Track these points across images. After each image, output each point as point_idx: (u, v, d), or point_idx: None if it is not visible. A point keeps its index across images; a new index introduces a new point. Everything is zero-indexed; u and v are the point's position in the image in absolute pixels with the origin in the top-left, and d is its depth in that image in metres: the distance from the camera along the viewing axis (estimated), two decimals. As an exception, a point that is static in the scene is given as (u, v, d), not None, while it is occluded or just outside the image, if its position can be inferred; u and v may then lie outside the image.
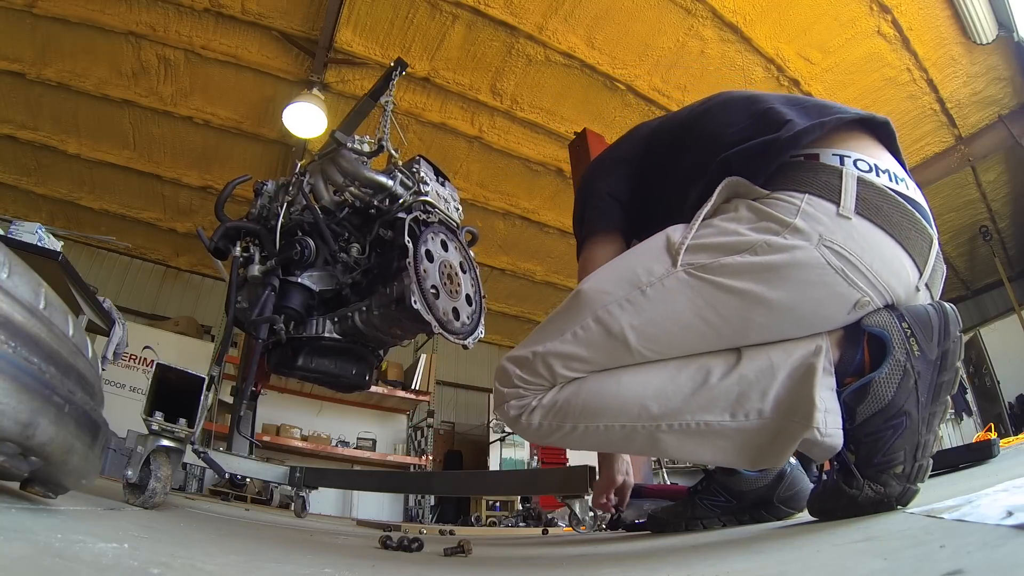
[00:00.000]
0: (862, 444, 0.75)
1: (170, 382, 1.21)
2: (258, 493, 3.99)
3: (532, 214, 5.49)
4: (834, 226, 0.75)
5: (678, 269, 0.80)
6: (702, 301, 0.79)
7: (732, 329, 0.79)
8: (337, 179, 1.59)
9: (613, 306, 0.83)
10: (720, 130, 0.94)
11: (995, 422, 4.76)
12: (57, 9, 3.65)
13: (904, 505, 0.73)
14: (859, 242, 0.75)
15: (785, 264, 0.75)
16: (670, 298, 0.80)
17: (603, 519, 1.91)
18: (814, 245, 0.75)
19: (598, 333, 0.83)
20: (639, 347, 0.82)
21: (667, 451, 0.83)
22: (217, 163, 5.02)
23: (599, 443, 0.87)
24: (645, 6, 3.64)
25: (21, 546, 0.45)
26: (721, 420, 0.77)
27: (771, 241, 0.76)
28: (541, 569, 0.86)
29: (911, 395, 0.73)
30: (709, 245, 0.80)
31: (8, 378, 0.47)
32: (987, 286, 6.28)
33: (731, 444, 0.78)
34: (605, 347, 0.83)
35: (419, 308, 1.34)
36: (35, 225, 2.45)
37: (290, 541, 1.10)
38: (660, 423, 0.80)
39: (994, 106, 4.30)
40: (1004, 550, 0.40)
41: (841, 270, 0.75)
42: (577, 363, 0.85)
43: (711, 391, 0.78)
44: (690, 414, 0.79)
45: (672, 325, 0.80)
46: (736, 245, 0.78)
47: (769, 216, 0.78)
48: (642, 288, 0.82)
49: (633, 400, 0.82)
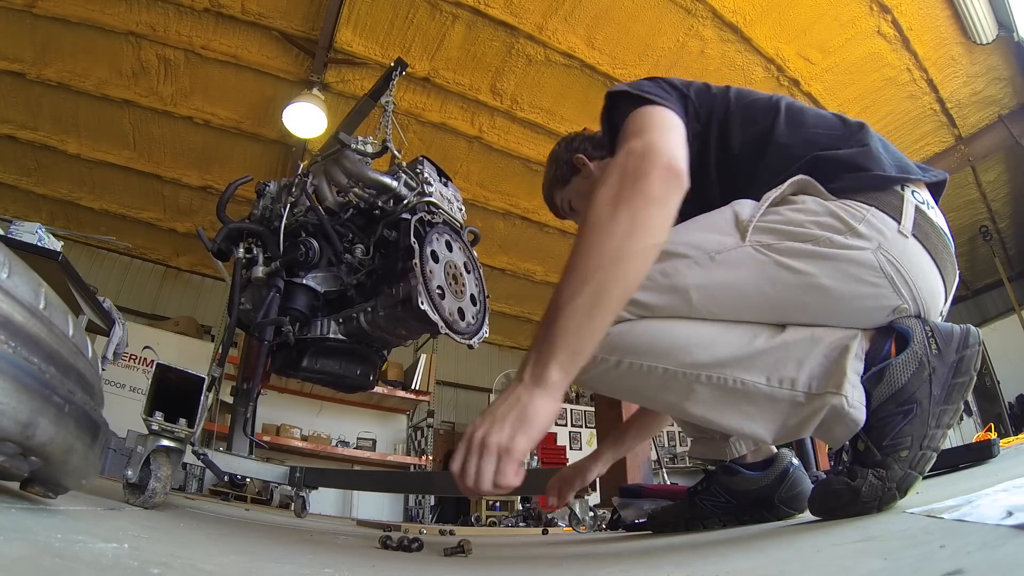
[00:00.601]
0: (872, 429, 0.79)
1: (170, 382, 1.22)
2: (258, 493, 3.99)
3: (532, 214, 5.49)
4: (893, 240, 0.84)
5: (746, 243, 0.86)
6: (764, 276, 0.84)
7: (785, 306, 0.85)
8: (341, 180, 1.59)
9: (682, 265, 0.87)
10: (815, 130, 0.99)
11: (995, 422, 4.76)
12: (57, 9, 3.65)
13: (903, 493, 0.76)
14: (910, 259, 0.84)
15: (844, 259, 0.82)
16: (736, 268, 0.85)
17: (603, 519, 1.91)
18: (872, 250, 0.83)
19: (663, 285, 0.86)
20: (700, 305, 0.86)
21: (696, 408, 0.85)
22: (217, 163, 5.02)
23: (634, 385, 0.89)
24: (645, 6, 3.64)
25: (21, 546, 0.45)
26: (757, 382, 0.81)
27: (834, 238, 0.83)
28: (541, 569, 0.86)
29: (924, 385, 0.78)
30: (776, 229, 0.86)
31: (8, 378, 0.47)
32: (987, 286, 6.28)
33: (759, 412, 0.82)
34: (667, 299, 0.87)
35: (426, 309, 1.34)
36: (35, 225, 2.45)
37: (290, 541, 1.10)
38: (701, 373, 0.83)
39: (994, 106, 4.30)
40: (1004, 550, 0.40)
41: (891, 277, 0.83)
42: (637, 308, 0.87)
43: (754, 351, 0.83)
44: (731, 369, 0.83)
45: (734, 292, 0.86)
46: (802, 235, 0.84)
47: (837, 216, 0.85)
48: (711, 255, 0.86)
49: (682, 344, 0.85)
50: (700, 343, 0.85)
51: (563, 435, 6.82)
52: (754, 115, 1.03)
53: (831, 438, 0.81)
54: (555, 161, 1.42)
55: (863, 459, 0.78)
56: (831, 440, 0.81)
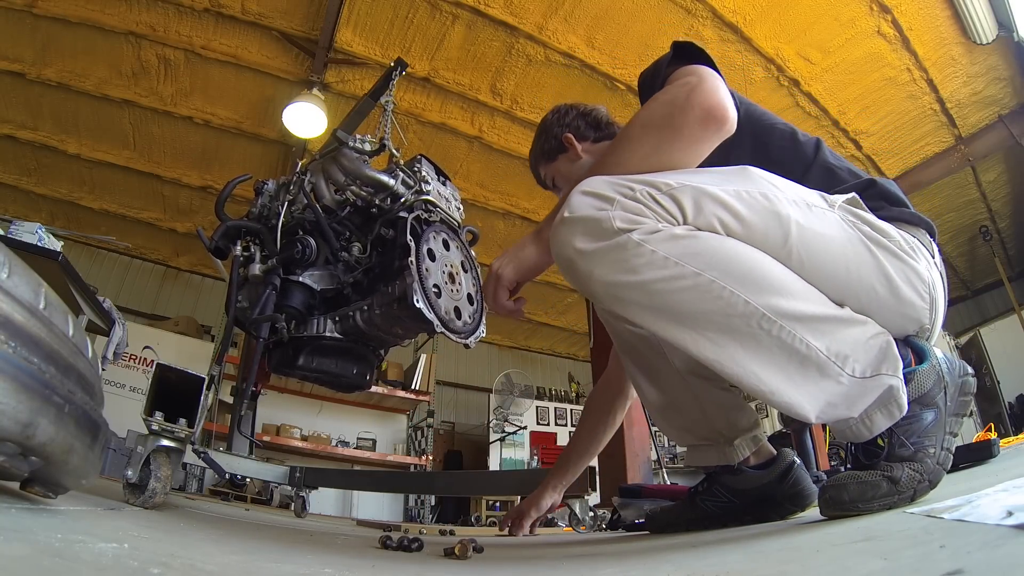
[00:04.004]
0: (898, 426, 0.80)
1: (170, 382, 1.22)
2: (258, 493, 3.99)
3: (532, 214, 5.49)
4: (931, 268, 0.91)
5: (835, 211, 0.86)
6: (851, 246, 0.85)
7: (856, 283, 0.85)
8: (339, 178, 1.58)
9: (783, 196, 0.83)
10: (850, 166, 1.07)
11: (995, 422, 4.76)
12: (57, 9, 3.65)
13: (933, 486, 0.79)
14: (939, 289, 0.91)
15: (910, 266, 0.87)
16: (830, 227, 0.85)
17: (603, 519, 1.92)
18: (924, 267, 0.89)
19: (765, 207, 0.81)
20: (795, 244, 0.81)
21: (750, 363, 0.78)
22: (217, 163, 5.02)
23: (694, 311, 0.78)
24: (645, 6, 3.64)
25: (21, 546, 0.45)
26: (819, 348, 0.79)
27: (902, 245, 0.88)
28: (541, 569, 0.86)
29: (941, 394, 0.84)
30: (859, 215, 0.88)
31: (8, 378, 0.47)
32: (987, 286, 6.29)
33: (805, 382, 0.79)
34: (766, 222, 0.81)
35: (421, 307, 1.34)
36: (35, 225, 2.45)
37: (290, 541, 1.10)
38: (776, 321, 0.77)
39: (994, 106, 4.30)
40: (1004, 550, 0.40)
41: (933, 298, 0.90)
42: (731, 218, 0.80)
43: (824, 316, 0.81)
44: (802, 326, 0.78)
45: (824, 247, 0.83)
46: (879, 229, 0.88)
47: (897, 232, 0.90)
48: (808, 203, 0.85)
49: (774, 282, 0.79)
50: (789, 289, 0.80)
51: (563, 435, 6.82)
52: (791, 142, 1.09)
53: (868, 426, 0.79)
54: (544, 133, 1.39)
55: (891, 455, 0.79)
56: (865, 429, 0.79)
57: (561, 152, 1.36)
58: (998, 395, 5.21)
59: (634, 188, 0.81)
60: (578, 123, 1.36)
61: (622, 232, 0.78)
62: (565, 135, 1.35)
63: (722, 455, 1.19)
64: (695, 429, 1.23)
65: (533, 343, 7.96)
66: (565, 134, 1.35)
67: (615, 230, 0.79)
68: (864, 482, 0.77)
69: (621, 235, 0.78)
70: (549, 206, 5.36)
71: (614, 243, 0.79)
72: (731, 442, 1.18)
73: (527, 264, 1.01)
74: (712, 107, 0.85)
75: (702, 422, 1.20)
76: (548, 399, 7.05)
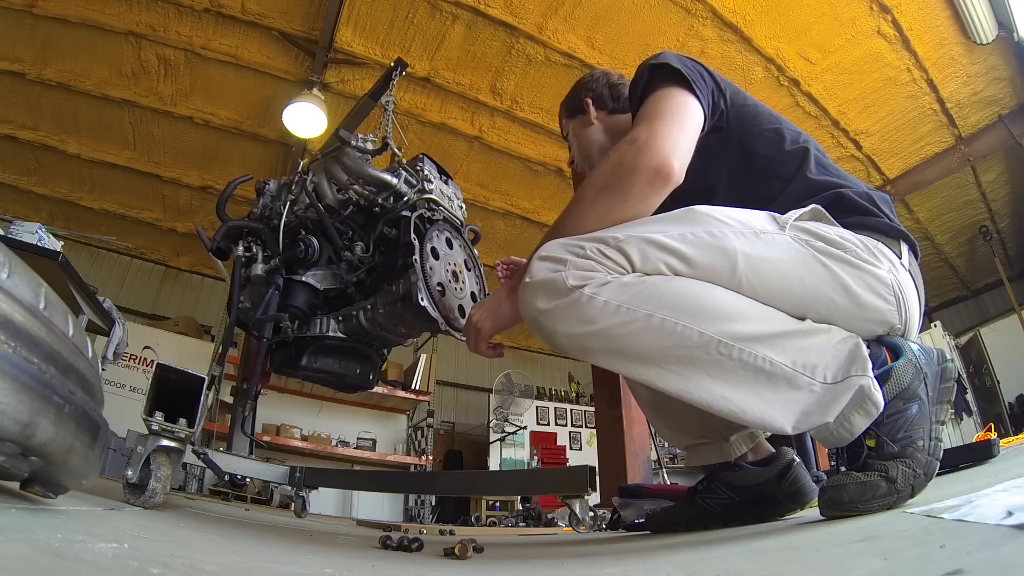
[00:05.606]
0: (883, 424, 0.81)
1: (170, 382, 1.21)
2: (258, 493, 3.99)
3: (532, 214, 5.49)
4: (898, 268, 0.93)
5: (787, 232, 0.90)
6: (804, 265, 0.88)
7: (813, 298, 0.88)
8: (341, 177, 1.58)
9: (728, 231, 0.87)
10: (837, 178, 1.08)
11: (995, 422, 4.76)
12: (57, 9, 3.65)
13: (928, 479, 0.80)
14: (908, 289, 0.93)
15: (869, 272, 0.89)
16: (779, 250, 0.88)
17: (603, 519, 1.91)
18: (887, 271, 0.91)
19: (710, 244, 0.86)
20: (743, 274, 0.85)
21: (716, 387, 0.81)
22: (217, 163, 5.02)
23: (652, 349, 0.83)
24: (645, 6, 3.64)
25: (21, 546, 0.45)
26: (783, 363, 0.82)
27: (859, 253, 0.90)
28: (541, 569, 0.86)
29: (922, 385, 0.85)
30: (812, 231, 0.91)
31: (8, 378, 0.47)
32: (987, 286, 6.29)
33: (777, 397, 0.81)
34: (713, 259, 0.85)
35: (426, 305, 1.34)
36: (35, 225, 2.45)
37: (290, 541, 1.10)
38: (735, 345, 0.81)
39: (994, 106, 4.30)
40: (1004, 550, 0.40)
41: (898, 298, 0.91)
42: (677, 261, 0.85)
43: (784, 332, 0.84)
44: (761, 346, 0.82)
45: (775, 271, 0.87)
46: (833, 242, 0.90)
47: (858, 238, 0.92)
48: (756, 231, 0.89)
49: (724, 310, 0.83)
50: (741, 313, 0.83)
51: (563, 435, 6.82)
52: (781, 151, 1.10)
53: (848, 428, 0.80)
54: (574, 89, 1.46)
55: (881, 453, 0.80)
56: (846, 432, 0.80)
57: (580, 113, 1.42)
58: (998, 395, 5.21)
59: (584, 247, 0.87)
60: (603, 91, 1.41)
61: (575, 289, 0.85)
62: (586, 99, 1.40)
63: (720, 452, 1.22)
64: (691, 429, 1.25)
65: (533, 343, 7.96)
66: (586, 98, 1.40)
67: (568, 288, 0.85)
68: (863, 483, 0.78)
69: (575, 292, 0.85)
70: (549, 206, 5.37)
71: (570, 300, 0.85)
72: (727, 439, 1.21)
73: (503, 320, 1.11)
74: (658, 167, 0.91)
75: (697, 422, 1.23)
76: (548, 399, 7.06)
